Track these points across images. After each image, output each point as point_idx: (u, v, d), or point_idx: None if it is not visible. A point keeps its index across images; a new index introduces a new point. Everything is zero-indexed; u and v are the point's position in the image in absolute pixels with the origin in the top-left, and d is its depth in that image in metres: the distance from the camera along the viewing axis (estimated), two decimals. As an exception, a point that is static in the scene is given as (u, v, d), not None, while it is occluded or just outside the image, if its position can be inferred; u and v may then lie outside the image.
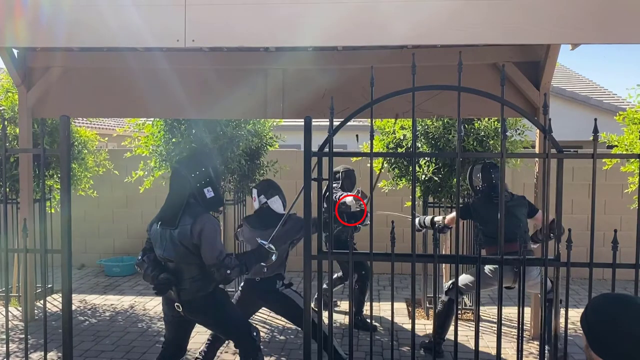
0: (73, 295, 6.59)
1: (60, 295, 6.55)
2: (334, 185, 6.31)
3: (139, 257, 3.48)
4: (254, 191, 4.17)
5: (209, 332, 4.38)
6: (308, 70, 5.22)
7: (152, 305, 6.37)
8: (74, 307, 6.13)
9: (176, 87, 5.29)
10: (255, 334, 3.45)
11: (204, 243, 3.17)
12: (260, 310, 6.15)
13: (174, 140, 5.59)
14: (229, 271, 3.17)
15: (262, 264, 3.52)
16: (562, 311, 2.80)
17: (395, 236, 2.72)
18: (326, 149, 2.79)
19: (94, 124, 11.05)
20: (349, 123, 2.83)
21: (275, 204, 4.10)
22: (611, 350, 1.56)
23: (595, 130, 2.54)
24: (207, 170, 3.31)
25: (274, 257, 3.45)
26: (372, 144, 2.79)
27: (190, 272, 3.25)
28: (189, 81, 5.33)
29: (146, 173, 6.05)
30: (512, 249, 3.83)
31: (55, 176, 6.22)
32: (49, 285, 6.65)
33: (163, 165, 5.86)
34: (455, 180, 5.48)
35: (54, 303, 6.36)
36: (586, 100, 13.51)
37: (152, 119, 5.91)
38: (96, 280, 7.61)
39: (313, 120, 4.85)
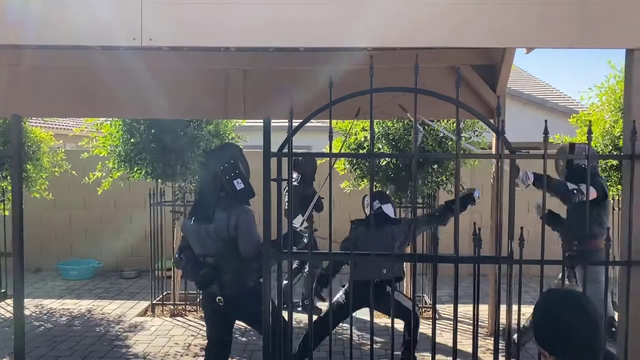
0: (29, 300, 6.42)
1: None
2: (294, 175, 6.32)
3: (177, 255, 3.47)
4: (367, 198, 4.35)
5: (152, 335, 4.32)
6: (270, 71, 5.21)
7: (111, 309, 6.25)
8: (29, 312, 5.97)
9: (135, 86, 5.19)
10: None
11: (240, 235, 3.18)
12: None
13: (132, 140, 5.50)
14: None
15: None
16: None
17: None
18: (286, 150, 2.80)
19: (50, 124, 10.74)
20: (312, 124, 2.85)
21: (388, 209, 4.33)
22: (553, 343, 1.62)
23: (546, 132, 2.63)
24: (236, 162, 3.30)
25: (305, 240, 3.38)
26: (331, 144, 2.81)
27: (231, 266, 3.24)
28: (149, 81, 5.23)
29: (104, 174, 5.93)
30: None
31: (9, 177, 6.02)
32: (2, 290, 6.44)
33: (122, 166, 5.75)
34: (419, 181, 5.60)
35: (8, 309, 6.15)
36: (543, 103, 13.90)
37: (110, 118, 5.79)
38: (53, 284, 7.41)
39: (276, 121, 4.83)
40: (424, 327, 5.40)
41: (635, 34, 2.75)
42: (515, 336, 3.09)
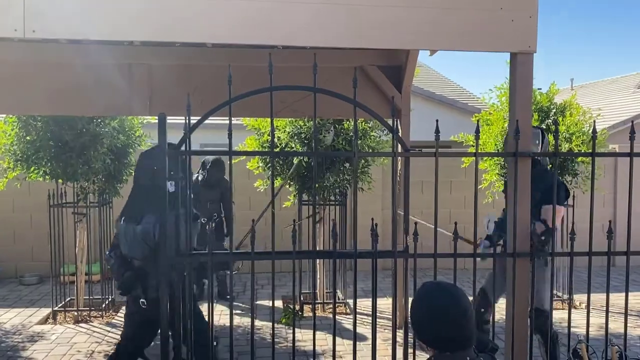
0: None
1: None
2: (200, 174, 6.23)
3: (107, 253, 3.38)
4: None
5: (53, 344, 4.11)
6: (176, 66, 5.07)
7: (8, 318, 5.84)
8: None
9: (31, 81, 4.88)
10: (215, 343, 3.37)
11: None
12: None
13: (28, 138, 5.17)
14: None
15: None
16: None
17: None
18: (184, 147, 2.74)
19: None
20: (216, 121, 2.79)
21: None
22: (426, 331, 1.69)
23: (437, 131, 2.74)
24: (170, 163, 3.15)
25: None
26: (230, 142, 2.78)
27: (153, 271, 3.16)
28: (46, 75, 4.93)
29: (-2, 174, 5.54)
30: None
31: None
32: None
33: (18, 166, 5.39)
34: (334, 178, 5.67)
35: None
36: (453, 103, 14.55)
37: (2, 115, 5.41)
38: (-57, 294, 6.83)
39: (181, 118, 4.69)
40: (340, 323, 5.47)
41: (517, 38, 2.93)
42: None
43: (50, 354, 4.81)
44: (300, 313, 5.84)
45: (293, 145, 5.69)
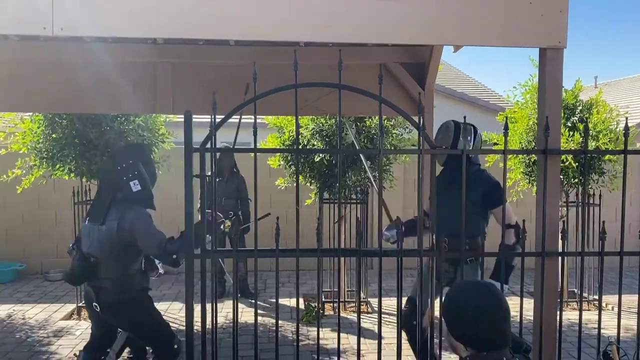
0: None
1: None
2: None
3: (70, 245, 3.39)
4: None
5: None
6: (200, 65, 5.09)
7: (33, 313, 5.94)
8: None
9: (57, 79, 4.93)
10: (176, 346, 3.39)
11: (139, 238, 3.12)
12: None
13: (54, 136, 5.23)
14: (174, 255, 3.13)
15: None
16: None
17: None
18: (209, 145, 2.73)
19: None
20: (247, 120, 2.79)
21: None
22: (465, 330, 1.66)
23: (464, 128, 2.69)
24: (136, 163, 3.22)
25: (223, 227, 3.46)
26: (255, 139, 2.77)
27: (112, 273, 3.18)
28: (72, 74, 4.99)
29: (24, 172, 5.61)
30: None
31: None
32: None
33: (44, 164, 5.47)
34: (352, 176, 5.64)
35: None
36: (475, 100, 14.40)
37: (29, 113, 5.49)
38: (-33, 287, 6.97)
39: (206, 116, 4.69)
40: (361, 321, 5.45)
41: (546, 33, 2.87)
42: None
43: (76, 348, 4.87)
44: (322, 312, 5.82)
45: (315, 143, 5.68)
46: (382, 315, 5.64)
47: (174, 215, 6.55)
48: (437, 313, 2.81)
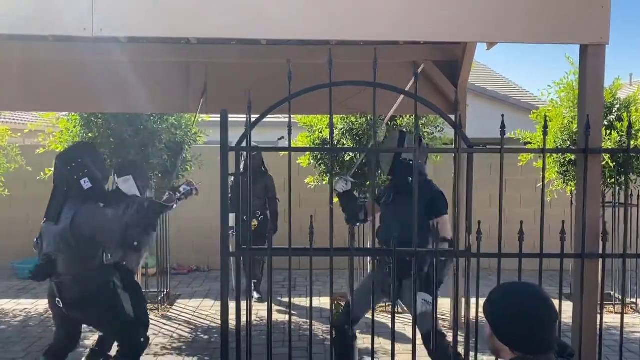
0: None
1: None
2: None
3: (35, 240, 3.45)
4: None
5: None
6: (231, 65, 5.13)
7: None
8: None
9: (93, 79, 5.04)
10: (142, 340, 3.49)
11: (97, 233, 3.21)
12: (185, 310, 6.02)
13: (90, 135, 5.34)
14: (135, 243, 3.27)
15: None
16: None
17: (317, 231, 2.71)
18: (244, 144, 2.75)
19: (5, 119, 10.38)
20: (273, 119, 2.81)
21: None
22: (513, 332, 1.63)
23: (502, 126, 2.64)
24: (84, 161, 3.30)
25: (174, 205, 3.66)
26: (290, 138, 2.77)
27: (72, 269, 3.26)
28: (107, 74, 5.09)
29: (61, 170, 5.74)
30: None
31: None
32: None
33: (80, 162, 5.58)
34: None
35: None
36: (505, 99, 14.16)
37: (66, 113, 5.61)
38: (8, 284, 7.16)
39: (237, 116, 4.73)
40: (386, 319, 5.42)
41: (588, 29, 2.80)
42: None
43: (110, 344, 4.96)
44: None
45: (344, 142, 5.66)
46: (408, 315, 5.61)
47: (207, 214, 6.64)
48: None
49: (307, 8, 3.01)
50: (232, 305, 2.68)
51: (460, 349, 2.91)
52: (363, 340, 4.73)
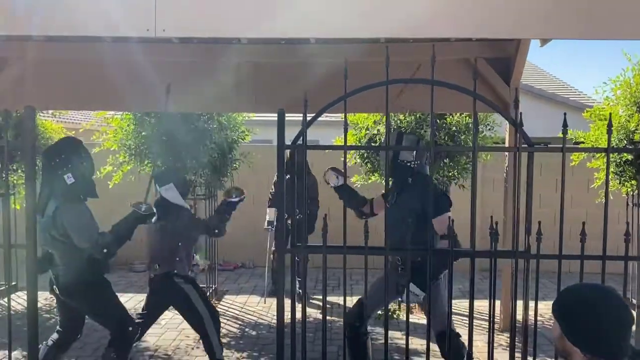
0: (39, 292, 6.43)
1: (24, 292, 6.37)
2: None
3: None
4: None
5: (163, 329, 4.32)
6: (281, 64, 5.17)
7: (123, 301, 6.23)
8: (39, 305, 5.95)
9: (145, 79, 5.17)
10: (130, 328, 3.62)
11: (71, 231, 3.31)
12: (232, 305, 6.11)
13: (143, 133, 5.48)
14: (105, 249, 3.35)
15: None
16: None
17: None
18: (300, 142, 2.77)
19: (60, 118, 10.75)
20: (322, 118, 2.82)
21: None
22: (588, 335, 1.59)
23: (565, 125, 2.58)
24: (68, 157, 3.40)
25: (154, 219, 3.78)
26: (346, 137, 2.78)
27: (63, 259, 3.42)
28: (159, 74, 5.22)
29: (115, 168, 5.92)
30: None
31: (19, 170, 6.02)
32: (13, 283, 6.45)
33: (132, 160, 5.74)
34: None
35: (18, 301, 6.18)
36: (553, 97, 13.80)
37: (120, 112, 5.78)
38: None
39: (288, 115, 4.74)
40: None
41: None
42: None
43: (161, 338, 5.09)
44: (397, 312, 5.78)
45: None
46: (459, 317, 5.54)
47: (252, 212, 6.74)
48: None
49: (357, 6, 3.00)
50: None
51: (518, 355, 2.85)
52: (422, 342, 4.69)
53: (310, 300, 6.37)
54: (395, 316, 5.66)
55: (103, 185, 6.50)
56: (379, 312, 5.73)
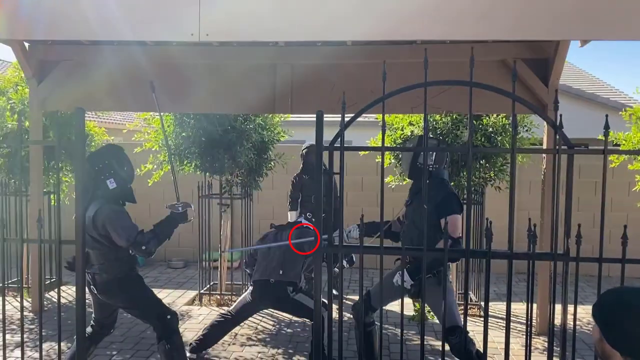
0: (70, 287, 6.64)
1: (69, 287, 6.60)
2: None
3: None
4: None
5: (200, 324, 4.43)
6: (317, 66, 5.23)
7: (162, 297, 6.40)
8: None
9: (186, 81, 5.31)
10: (169, 316, 3.74)
11: (111, 231, 3.48)
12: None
13: (183, 134, 5.62)
14: (144, 247, 3.50)
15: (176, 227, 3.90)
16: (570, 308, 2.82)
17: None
18: (337, 144, 2.81)
19: (102, 119, 11.11)
20: (358, 119, 2.86)
21: None
22: (628, 338, 1.59)
23: (607, 126, 2.55)
24: (110, 163, 3.60)
25: (190, 217, 3.95)
26: (383, 138, 2.81)
27: (99, 259, 3.57)
28: (198, 76, 5.35)
29: (155, 167, 6.08)
30: None
31: (64, 169, 6.25)
32: (55, 278, 6.70)
33: (173, 159, 5.89)
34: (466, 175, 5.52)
35: (64, 295, 6.41)
36: (593, 97, 13.47)
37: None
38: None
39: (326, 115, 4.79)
40: (471, 325, 5.34)
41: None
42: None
43: (200, 333, 5.21)
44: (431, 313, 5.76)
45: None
46: (495, 319, 5.50)
47: (284, 210, 6.82)
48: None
49: (394, 9, 3.04)
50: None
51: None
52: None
53: (344, 300, 6.41)
54: (429, 317, 5.65)
55: (143, 183, 6.70)
56: (412, 312, 5.77)
